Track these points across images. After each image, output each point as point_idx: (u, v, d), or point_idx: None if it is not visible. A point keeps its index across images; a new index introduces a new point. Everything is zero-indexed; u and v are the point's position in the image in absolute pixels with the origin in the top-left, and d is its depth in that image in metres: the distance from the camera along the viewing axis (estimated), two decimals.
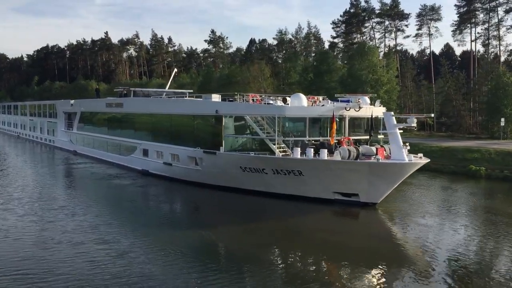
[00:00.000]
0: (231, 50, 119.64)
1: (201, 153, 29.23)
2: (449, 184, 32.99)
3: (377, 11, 75.48)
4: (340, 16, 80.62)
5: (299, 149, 24.88)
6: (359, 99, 26.42)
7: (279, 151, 25.99)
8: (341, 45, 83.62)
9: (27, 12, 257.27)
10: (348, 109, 26.51)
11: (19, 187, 29.25)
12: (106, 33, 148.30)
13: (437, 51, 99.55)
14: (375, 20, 76.81)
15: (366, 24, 78.73)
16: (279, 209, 25.09)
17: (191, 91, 48.07)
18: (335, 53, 79.63)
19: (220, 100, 30.37)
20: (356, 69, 61.88)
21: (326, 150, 24.23)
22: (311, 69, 70.50)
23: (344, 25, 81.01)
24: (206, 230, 20.05)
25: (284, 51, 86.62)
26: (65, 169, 40.11)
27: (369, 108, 26.99)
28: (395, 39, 75.36)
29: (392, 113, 24.09)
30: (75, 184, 32.24)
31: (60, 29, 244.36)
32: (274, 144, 26.08)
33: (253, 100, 29.13)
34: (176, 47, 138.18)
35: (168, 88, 48.57)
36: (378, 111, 27.92)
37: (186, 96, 36.19)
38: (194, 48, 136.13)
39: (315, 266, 16.27)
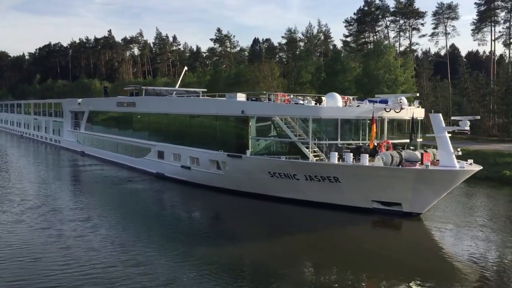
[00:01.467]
0: (237, 49, 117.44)
1: (224, 157, 27.14)
2: (486, 191, 30.90)
3: (392, 9, 73.33)
4: (354, 14, 78.50)
5: (336, 153, 22.81)
6: (400, 99, 24.33)
7: (312, 155, 23.93)
8: (353, 44, 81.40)
9: (25, 10, 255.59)
10: (388, 110, 24.43)
11: (29, 194, 26.80)
12: (110, 31, 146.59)
13: (442, 51, 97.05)
14: (390, 18, 74.68)
15: (380, 23, 76.59)
16: (311, 218, 23.11)
17: (205, 90, 46.22)
18: (347, 52, 77.56)
19: (245, 100, 28.26)
20: (371, 68, 59.95)
21: (367, 155, 22.16)
22: (324, 68, 68.53)
23: (356, 23, 78.82)
24: (234, 242, 18.51)
25: (295, 50, 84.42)
26: (75, 172, 37.94)
27: (409, 109, 24.93)
28: (410, 38, 73.29)
29: (441, 114, 21.98)
30: (89, 189, 29.78)
31: (59, 27, 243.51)
32: (307, 148, 24.02)
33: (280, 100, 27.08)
34: (181, 46, 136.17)
35: (178, 87, 46.72)
36: (418, 112, 25.93)
37: (200, 95, 34.51)
38: (198, 47, 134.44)
39: (352, 285, 14.42)
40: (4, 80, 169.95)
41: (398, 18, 73.29)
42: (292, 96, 28.23)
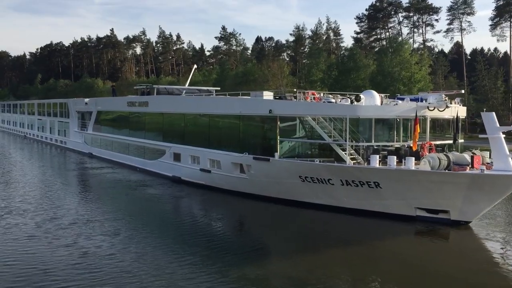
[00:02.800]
0: (241, 48, 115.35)
1: (250, 160, 25.19)
2: None
3: (405, 5, 71.34)
4: (366, 10, 76.44)
5: (377, 156, 20.90)
6: (446, 96, 22.38)
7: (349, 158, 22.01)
8: (365, 41, 79.39)
9: (25, 10, 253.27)
10: (431, 108, 22.48)
11: (41, 202, 24.43)
12: (112, 30, 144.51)
13: (446, 49, 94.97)
14: (403, 14, 72.67)
15: (393, 19, 74.61)
16: (347, 227, 21.28)
17: (219, 88, 44.53)
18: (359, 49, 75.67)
19: (273, 98, 26.34)
20: (386, 65, 58.08)
21: (413, 159, 20.25)
22: (335, 66, 66.65)
23: (367, 20, 76.79)
24: (271, 256, 17.01)
25: (304, 48, 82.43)
26: (85, 175, 35.95)
27: (453, 108, 22.99)
28: (424, 34, 71.31)
29: (494, 113, 20.05)
30: (104, 196, 27.60)
31: (59, 28, 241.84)
32: (343, 150, 22.10)
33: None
34: (185, 45, 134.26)
35: (187, 86, 44.98)
36: (462, 111, 24.02)
37: (213, 94, 32.99)
38: (202, 46, 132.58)
39: None
40: (5, 80, 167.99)
41: (411, 14, 71.29)
42: (322, 94, 26.30)
